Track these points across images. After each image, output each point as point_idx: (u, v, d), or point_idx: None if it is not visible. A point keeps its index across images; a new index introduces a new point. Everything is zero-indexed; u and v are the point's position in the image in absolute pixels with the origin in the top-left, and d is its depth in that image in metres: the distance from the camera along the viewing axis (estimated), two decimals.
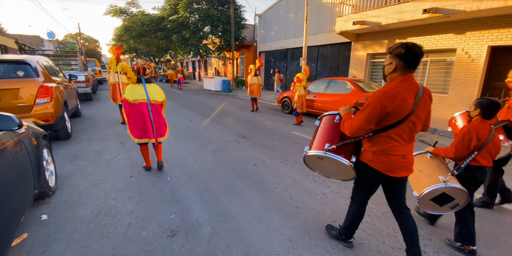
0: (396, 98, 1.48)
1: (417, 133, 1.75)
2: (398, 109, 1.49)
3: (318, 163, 2.02)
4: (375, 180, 1.74)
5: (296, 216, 2.47)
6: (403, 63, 1.53)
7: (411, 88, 1.53)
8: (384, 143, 1.61)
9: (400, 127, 1.55)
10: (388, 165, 1.63)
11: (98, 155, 4.03)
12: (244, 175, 3.40)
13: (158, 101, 3.27)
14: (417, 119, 1.58)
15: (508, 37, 6.21)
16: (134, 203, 2.64)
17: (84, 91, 9.51)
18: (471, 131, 1.91)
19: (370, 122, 1.55)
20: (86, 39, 54.30)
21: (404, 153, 1.64)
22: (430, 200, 1.99)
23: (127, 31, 17.99)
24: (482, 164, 1.96)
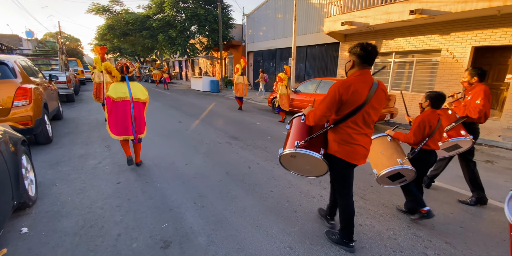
0: (350, 88, 1.69)
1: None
2: (352, 98, 1.70)
3: (293, 162, 2.12)
4: (346, 169, 1.89)
5: (294, 220, 2.39)
6: (359, 60, 1.74)
7: (365, 81, 1.74)
8: (344, 132, 1.81)
9: (356, 116, 1.75)
10: (353, 154, 1.81)
11: (82, 161, 3.81)
12: (238, 178, 3.29)
13: (141, 99, 3.38)
14: (372, 110, 1.78)
15: (491, 38, 6.43)
16: (123, 212, 2.48)
17: (65, 92, 9.08)
18: (425, 120, 2.23)
19: (330, 109, 1.75)
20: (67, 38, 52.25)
21: (364, 143, 1.84)
22: (386, 177, 2.32)
23: (111, 30, 17.40)
24: (432, 148, 2.30)
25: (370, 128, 1.85)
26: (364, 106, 1.73)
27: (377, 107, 1.79)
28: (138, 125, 3.41)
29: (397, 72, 8.87)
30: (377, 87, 1.76)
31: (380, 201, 2.81)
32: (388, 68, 9.02)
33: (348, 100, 1.70)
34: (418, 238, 2.20)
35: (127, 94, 3.27)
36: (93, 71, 6.45)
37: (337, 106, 1.75)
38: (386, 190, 3.04)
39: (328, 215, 2.31)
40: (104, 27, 17.65)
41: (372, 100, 1.75)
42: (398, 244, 2.12)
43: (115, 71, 3.28)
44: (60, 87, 8.81)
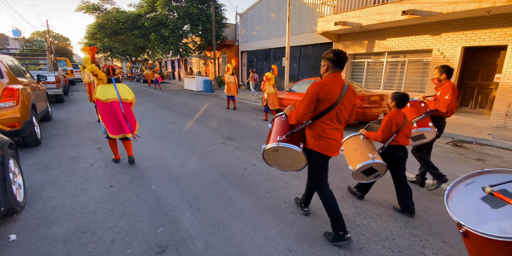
0: (325, 88, 1.92)
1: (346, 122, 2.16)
2: (327, 96, 1.93)
3: (275, 157, 2.30)
4: (321, 161, 2.09)
5: (293, 222, 2.37)
6: (332, 64, 1.98)
7: (338, 82, 1.97)
8: (319, 128, 2.02)
9: (330, 113, 1.98)
10: (327, 147, 2.03)
11: (73, 163, 3.70)
12: (234, 180, 3.25)
13: (128, 99, 3.54)
14: (343, 108, 2.01)
15: (480, 38, 6.56)
16: (117, 216, 2.41)
17: (54, 92, 8.84)
18: (392, 119, 2.45)
19: (310, 107, 1.96)
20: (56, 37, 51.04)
21: (337, 137, 2.06)
22: (361, 172, 2.52)
23: (101, 28, 17.06)
24: (400, 143, 2.50)
25: (341, 124, 2.09)
26: (337, 104, 1.96)
27: (347, 105, 2.03)
28: (130, 123, 3.55)
29: (389, 72, 8.97)
30: (347, 88, 1.99)
31: (377, 201, 2.82)
32: (381, 68, 9.11)
33: (324, 98, 1.93)
34: (415, 237, 2.21)
35: (115, 95, 3.40)
36: (83, 70, 6.35)
37: (315, 104, 1.96)
38: (382, 190, 3.05)
39: (303, 203, 2.52)
40: (94, 26, 17.29)
41: (344, 99, 1.98)
42: (396, 244, 2.12)
43: (101, 74, 3.37)
44: (49, 87, 8.58)
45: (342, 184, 3.21)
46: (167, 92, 14.81)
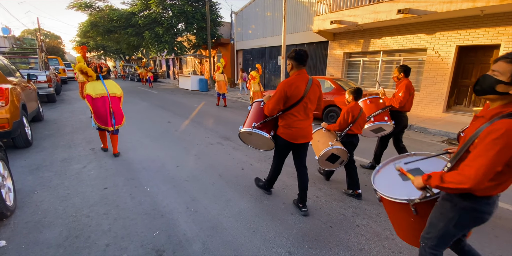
0: (292, 86, 2.18)
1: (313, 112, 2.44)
2: (294, 93, 2.19)
3: (249, 138, 2.70)
4: (286, 147, 2.45)
5: (292, 223, 2.34)
6: (296, 62, 2.22)
7: (303, 79, 2.24)
8: (288, 119, 2.31)
9: (298, 106, 2.25)
10: (293, 135, 2.34)
11: (65, 165, 3.60)
12: (232, 180, 3.20)
13: (117, 94, 3.82)
14: (309, 101, 2.29)
15: (474, 37, 6.62)
16: (111, 220, 2.35)
17: (46, 92, 8.64)
18: (349, 111, 2.75)
19: (279, 103, 2.24)
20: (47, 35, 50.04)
21: (302, 126, 2.33)
22: (325, 160, 2.81)
23: (94, 26, 16.72)
24: (355, 132, 2.82)
25: (307, 115, 2.36)
26: (303, 98, 2.24)
27: (312, 98, 2.31)
28: (117, 117, 3.82)
29: (384, 70, 9.00)
30: (312, 83, 2.27)
31: (375, 200, 2.80)
32: (376, 67, 9.14)
33: (292, 95, 2.20)
34: None
35: (104, 90, 3.67)
36: None
37: (284, 100, 2.24)
38: None
39: (266, 186, 2.81)
40: (87, 24, 16.93)
41: (309, 93, 2.26)
42: (396, 244, 2.10)
43: (90, 71, 3.65)
44: (40, 86, 8.39)
45: (341, 186, 3.19)
46: (161, 91, 14.64)
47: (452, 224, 1.28)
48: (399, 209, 1.58)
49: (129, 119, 6.81)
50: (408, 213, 1.52)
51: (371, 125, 3.24)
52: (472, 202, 1.22)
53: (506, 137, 1.02)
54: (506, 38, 6.15)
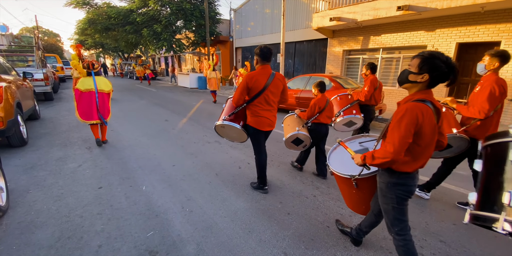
0: (253, 79, 2.47)
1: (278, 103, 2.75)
2: (255, 85, 2.47)
3: (223, 131, 2.94)
4: (257, 134, 2.68)
5: (288, 223, 2.30)
6: (260, 58, 2.50)
7: (265, 73, 2.51)
8: (253, 108, 2.58)
9: (260, 97, 2.53)
10: (260, 123, 2.60)
11: (60, 164, 3.56)
12: (228, 179, 3.17)
13: (105, 90, 4.11)
14: (270, 93, 2.56)
15: (474, 34, 6.55)
16: (105, 220, 2.31)
17: (43, 90, 8.58)
18: (316, 103, 3.05)
19: (242, 94, 2.52)
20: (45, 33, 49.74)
21: (267, 115, 2.61)
22: (291, 142, 3.17)
23: (92, 24, 16.57)
24: (322, 121, 3.12)
25: (271, 106, 2.62)
26: (265, 90, 2.51)
27: (274, 91, 2.58)
28: (102, 111, 4.10)
29: (384, 68, 8.94)
30: (274, 77, 2.54)
31: None
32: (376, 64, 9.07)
33: (253, 87, 2.48)
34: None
35: (92, 86, 3.98)
36: None
37: (247, 92, 2.52)
38: None
39: (260, 184, 2.89)
40: (84, 21, 16.79)
41: (270, 86, 2.53)
42: (393, 244, 2.07)
43: (80, 68, 4.01)
44: (36, 85, 8.33)
45: None
46: (160, 89, 14.57)
47: (395, 202, 1.53)
48: (345, 182, 1.90)
49: (127, 117, 6.76)
50: (351, 186, 1.84)
51: (342, 119, 3.58)
52: (398, 178, 1.49)
53: (408, 114, 1.32)
54: (507, 35, 6.09)
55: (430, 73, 1.33)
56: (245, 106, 2.64)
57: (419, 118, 1.31)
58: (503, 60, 2.28)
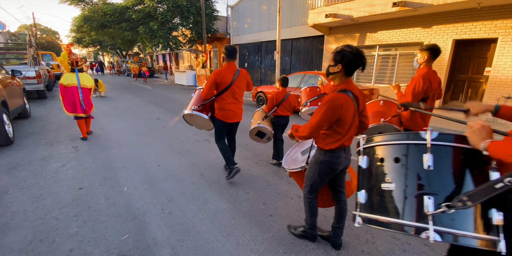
0: (221, 75, 2.71)
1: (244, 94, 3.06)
2: (222, 81, 2.72)
3: (192, 119, 3.14)
4: (222, 125, 2.94)
5: (269, 226, 2.23)
6: (226, 56, 2.76)
7: (231, 70, 2.77)
8: (220, 102, 2.81)
9: (227, 92, 2.78)
10: (226, 115, 2.86)
11: (44, 164, 3.49)
12: (213, 179, 3.10)
13: (87, 85, 4.40)
14: (237, 88, 2.82)
15: (471, 31, 6.44)
16: (80, 223, 2.24)
17: (35, 88, 8.48)
18: (273, 97, 3.32)
19: (211, 88, 2.75)
20: (44, 31, 49.43)
21: (232, 108, 2.85)
22: (255, 135, 3.43)
23: (87, 21, 16.43)
24: (280, 114, 3.38)
25: (236, 99, 2.87)
26: (231, 85, 2.76)
27: (239, 85, 2.84)
28: (86, 105, 4.37)
29: (381, 65, 8.83)
30: (239, 73, 2.80)
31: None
32: (372, 62, 8.97)
33: (221, 82, 2.72)
34: (396, 241, 2.10)
35: (75, 81, 4.24)
36: None
37: (215, 86, 2.76)
38: None
39: (229, 164, 3.04)
40: (80, 18, 16.64)
41: (236, 82, 2.78)
42: (376, 248, 2.00)
43: (66, 65, 4.26)
44: (29, 82, 8.23)
45: None
46: (156, 87, 14.46)
47: (317, 174, 1.80)
48: (299, 175, 2.07)
49: (119, 116, 6.68)
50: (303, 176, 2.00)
51: (307, 109, 3.75)
52: (325, 156, 1.74)
53: (329, 103, 1.56)
54: (504, 31, 5.98)
55: (342, 62, 1.57)
56: (213, 99, 2.85)
57: (337, 109, 1.55)
58: (432, 53, 2.40)
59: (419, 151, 0.99)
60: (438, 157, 0.96)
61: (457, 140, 0.98)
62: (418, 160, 0.98)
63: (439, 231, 0.90)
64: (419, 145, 1.00)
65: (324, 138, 1.72)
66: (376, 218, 1.06)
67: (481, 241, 0.88)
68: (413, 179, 0.98)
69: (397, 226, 0.99)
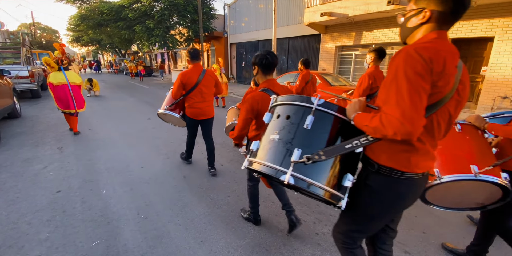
0: (186, 76, 2.88)
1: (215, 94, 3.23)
2: (188, 81, 2.89)
3: (166, 117, 3.35)
4: (193, 123, 3.13)
5: (246, 232, 2.17)
6: (189, 58, 2.92)
7: (197, 71, 2.93)
8: (189, 101, 2.99)
9: (194, 91, 2.94)
10: (195, 114, 3.02)
11: (26, 165, 3.43)
12: (195, 182, 3.03)
13: (76, 83, 4.59)
14: (204, 87, 2.97)
15: (467, 30, 6.34)
16: (52, 228, 2.18)
17: (28, 87, 8.42)
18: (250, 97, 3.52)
19: (179, 89, 2.93)
20: (44, 29, 49.37)
21: (201, 107, 3.01)
22: (230, 131, 3.33)
23: (84, 20, 16.35)
24: None
25: (204, 98, 3.01)
26: (198, 85, 2.92)
27: (206, 85, 2.98)
28: (78, 101, 4.56)
29: None
30: (205, 73, 2.96)
31: None
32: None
33: (187, 83, 2.89)
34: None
35: (64, 80, 4.42)
36: None
37: (182, 87, 2.92)
38: None
39: (186, 157, 3.53)
40: (77, 17, 16.56)
41: (202, 82, 2.94)
42: None
43: (53, 63, 4.43)
44: (21, 82, 8.18)
45: None
46: (152, 86, 14.39)
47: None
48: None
49: (110, 116, 6.62)
50: None
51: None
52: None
53: (247, 103, 1.81)
54: (500, 30, 5.87)
55: (257, 65, 1.85)
56: (183, 98, 3.03)
57: (254, 106, 1.78)
58: (378, 54, 2.82)
59: (305, 112, 1.15)
60: (317, 120, 1.12)
61: (339, 111, 1.13)
62: (302, 119, 1.14)
63: (295, 176, 1.05)
64: (307, 107, 1.15)
65: (255, 134, 1.95)
66: (255, 160, 1.21)
67: (328, 193, 1.06)
68: (292, 134, 1.14)
69: (268, 168, 1.13)
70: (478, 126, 1.60)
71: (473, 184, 1.42)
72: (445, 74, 0.90)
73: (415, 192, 1.09)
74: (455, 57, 0.96)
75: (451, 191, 1.54)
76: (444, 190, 1.52)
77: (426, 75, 0.87)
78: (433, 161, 1.07)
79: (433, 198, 1.60)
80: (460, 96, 1.00)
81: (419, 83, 0.86)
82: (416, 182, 1.05)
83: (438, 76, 0.89)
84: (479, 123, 1.59)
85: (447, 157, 1.51)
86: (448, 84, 0.92)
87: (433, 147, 1.04)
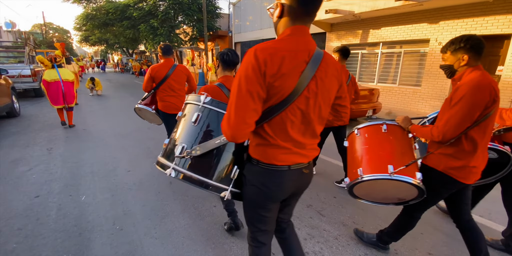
0: (155, 70, 2.89)
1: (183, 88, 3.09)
2: (157, 75, 2.89)
3: (142, 113, 3.32)
4: (166, 116, 3.01)
5: (227, 248, 1.95)
6: (161, 53, 2.92)
7: (166, 65, 2.91)
8: (160, 94, 2.95)
9: (164, 85, 2.91)
10: (167, 107, 2.96)
11: (11, 167, 3.32)
12: (181, 189, 2.83)
13: (69, 79, 4.89)
14: (173, 81, 2.93)
15: (482, 26, 5.95)
16: (21, 238, 2.02)
17: (30, 86, 8.46)
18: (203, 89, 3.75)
19: (148, 82, 2.92)
20: (56, 30, 50.35)
21: (172, 101, 2.95)
22: None
23: (90, 20, 16.45)
24: None
25: (175, 92, 2.97)
26: (166, 79, 2.89)
27: (176, 79, 2.95)
28: (68, 97, 4.86)
29: (384, 64, 8.38)
30: (175, 67, 2.92)
31: (340, 218, 2.38)
32: (375, 60, 8.52)
33: (155, 76, 2.89)
34: None
35: (57, 77, 4.74)
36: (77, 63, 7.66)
37: (152, 80, 2.92)
38: (350, 204, 2.62)
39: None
40: (83, 17, 16.68)
41: (172, 76, 2.90)
42: None
43: (46, 62, 4.76)
44: (24, 81, 8.23)
45: (303, 200, 2.78)
46: None
47: None
48: None
49: (106, 116, 6.52)
50: None
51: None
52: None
53: (202, 91, 1.82)
54: None
55: (219, 60, 1.93)
56: (155, 92, 3.01)
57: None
58: (342, 54, 2.84)
59: (196, 109, 1.21)
60: (203, 117, 1.19)
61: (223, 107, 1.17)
62: (192, 116, 1.20)
63: (176, 169, 1.13)
64: (197, 105, 1.21)
65: None
66: (158, 159, 1.27)
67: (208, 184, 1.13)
68: (184, 130, 1.22)
69: (162, 165, 1.21)
70: (403, 127, 1.70)
71: (391, 182, 1.51)
72: (282, 74, 0.89)
73: (281, 184, 1.06)
74: (299, 54, 0.93)
75: (375, 188, 1.65)
76: (368, 187, 1.64)
77: (256, 78, 0.87)
78: (296, 156, 1.05)
79: (360, 193, 1.75)
80: (310, 92, 0.96)
81: (247, 87, 0.87)
82: (281, 174, 1.04)
83: (273, 78, 0.88)
84: (405, 124, 1.69)
85: (371, 157, 1.66)
86: (286, 84, 0.91)
87: (288, 142, 1.01)
